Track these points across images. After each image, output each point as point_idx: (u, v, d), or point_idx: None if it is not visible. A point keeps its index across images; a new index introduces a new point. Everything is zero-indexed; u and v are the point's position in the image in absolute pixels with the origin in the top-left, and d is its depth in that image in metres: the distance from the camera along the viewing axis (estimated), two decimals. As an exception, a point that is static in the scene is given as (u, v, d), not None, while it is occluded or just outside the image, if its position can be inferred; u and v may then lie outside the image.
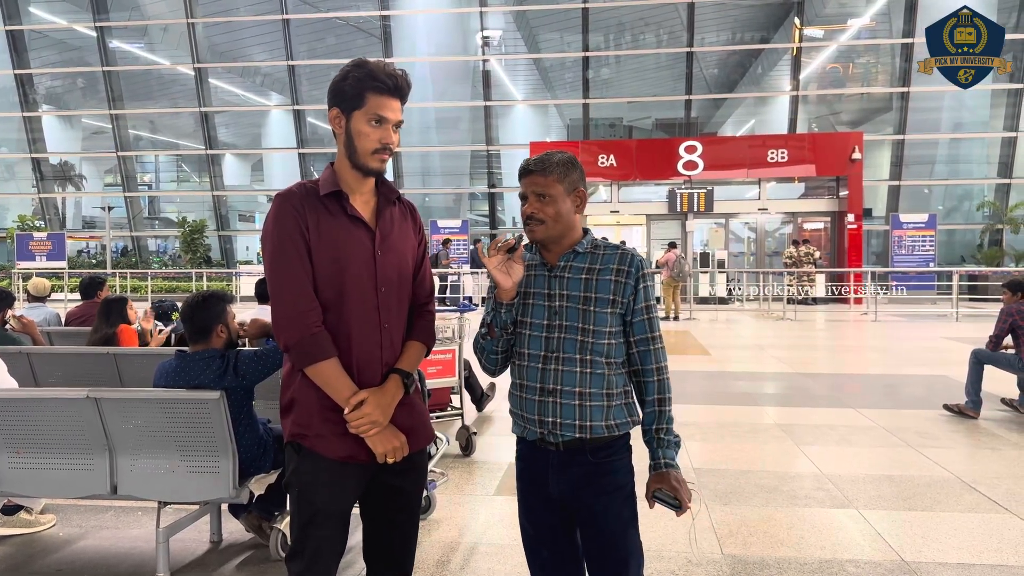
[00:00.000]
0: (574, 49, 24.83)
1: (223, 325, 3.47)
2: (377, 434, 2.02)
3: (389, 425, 2.05)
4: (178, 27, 25.76)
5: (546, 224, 2.09)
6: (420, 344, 2.20)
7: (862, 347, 12.26)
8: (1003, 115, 22.96)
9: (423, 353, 2.22)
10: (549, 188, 2.07)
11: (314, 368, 1.99)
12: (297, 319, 1.98)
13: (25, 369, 4.60)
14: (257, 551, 3.77)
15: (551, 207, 2.08)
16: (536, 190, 2.08)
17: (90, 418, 3.36)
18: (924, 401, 7.36)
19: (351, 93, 2.04)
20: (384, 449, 2.03)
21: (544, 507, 2.15)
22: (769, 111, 25.52)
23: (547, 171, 2.08)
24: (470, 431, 5.54)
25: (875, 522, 4.12)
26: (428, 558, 3.66)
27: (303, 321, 1.98)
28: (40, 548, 3.87)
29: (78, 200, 30.14)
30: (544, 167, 2.08)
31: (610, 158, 21.31)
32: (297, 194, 2.07)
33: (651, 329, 2.10)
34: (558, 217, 2.09)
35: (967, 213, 23.91)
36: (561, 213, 2.09)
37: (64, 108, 29.14)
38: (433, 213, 25.06)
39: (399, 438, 2.06)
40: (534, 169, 2.09)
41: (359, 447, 2.05)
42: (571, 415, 2.04)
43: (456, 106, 25.95)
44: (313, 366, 1.99)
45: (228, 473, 3.33)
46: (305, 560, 2.05)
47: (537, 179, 2.08)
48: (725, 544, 3.82)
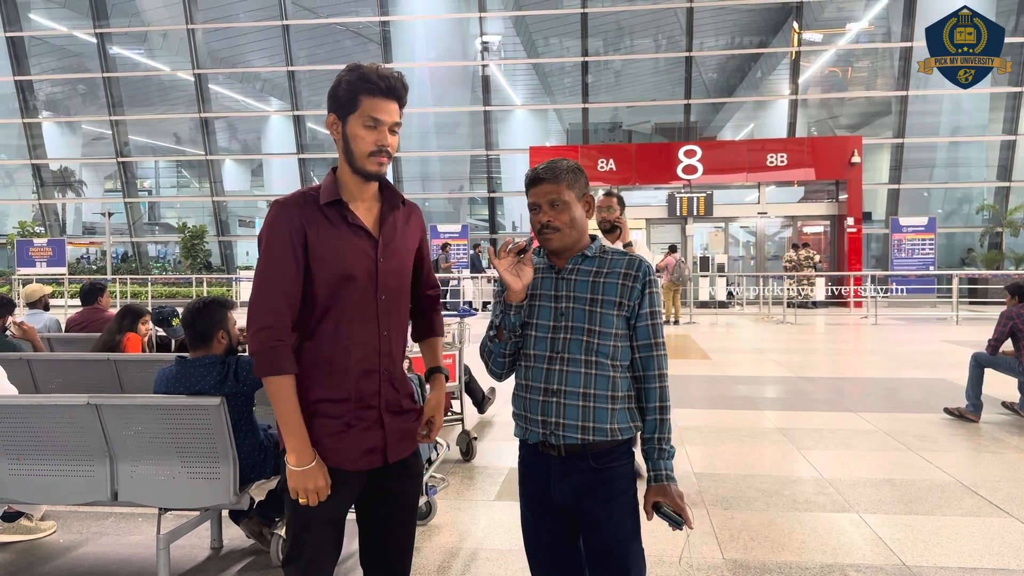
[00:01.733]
0: (573, 54, 24.88)
1: (224, 331, 3.48)
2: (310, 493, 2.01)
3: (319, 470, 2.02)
4: (178, 33, 25.82)
5: (562, 231, 2.09)
6: (440, 337, 2.41)
7: (862, 351, 12.26)
8: (1002, 118, 22.98)
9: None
10: (562, 195, 2.08)
11: (268, 380, 2.00)
12: (261, 330, 2.00)
13: (25, 375, 4.60)
14: (258, 557, 3.77)
15: (566, 214, 2.08)
16: (549, 198, 2.08)
17: (90, 424, 3.36)
18: (924, 404, 7.35)
19: (345, 97, 2.04)
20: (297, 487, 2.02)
21: (546, 513, 2.15)
22: (768, 115, 25.55)
23: (558, 178, 2.08)
24: (471, 436, 5.54)
25: (876, 526, 4.12)
26: (429, 564, 3.66)
27: (269, 332, 1.99)
28: (41, 555, 3.86)
29: (78, 206, 30.17)
30: (555, 174, 2.08)
31: (609, 162, 21.34)
32: (295, 203, 2.06)
33: (654, 335, 2.11)
34: (573, 223, 2.09)
35: (966, 216, 23.92)
36: (575, 219, 2.10)
37: (64, 114, 29.18)
38: (433, 218, 25.08)
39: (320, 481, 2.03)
40: (545, 177, 2.09)
41: (353, 454, 2.06)
42: (574, 416, 2.04)
43: (456, 111, 26.00)
44: (267, 379, 2.00)
45: (228, 479, 3.33)
46: (302, 565, 2.06)
47: (548, 187, 2.09)
48: (726, 549, 3.81)
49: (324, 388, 2.05)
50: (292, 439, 1.99)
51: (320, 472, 2.00)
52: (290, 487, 2.00)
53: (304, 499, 2.00)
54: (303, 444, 1.99)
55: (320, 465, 2.01)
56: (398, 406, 2.16)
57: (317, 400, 2.04)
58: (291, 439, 1.99)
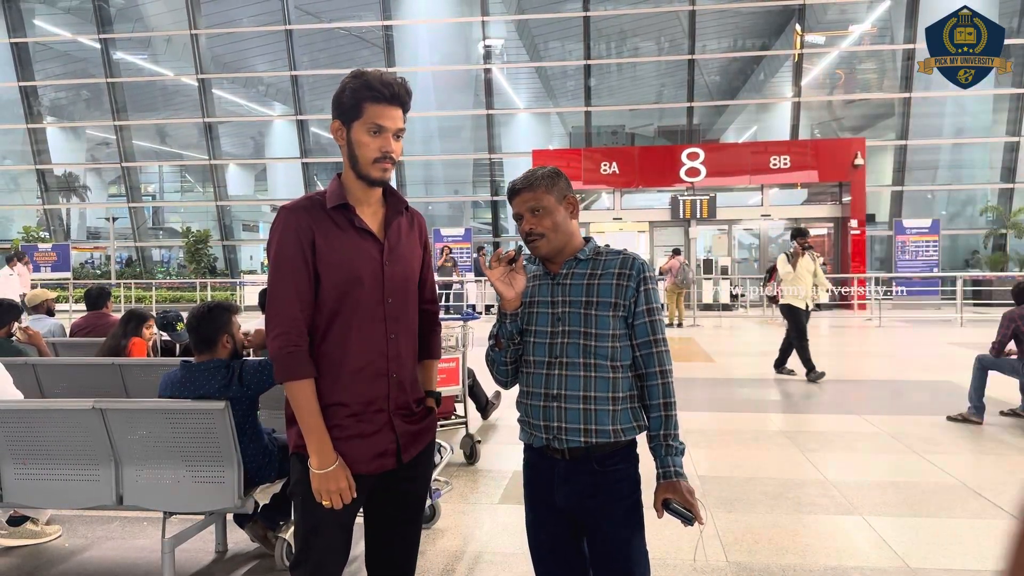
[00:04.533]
0: (576, 57, 24.90)
1: (228, 335, 3.49)
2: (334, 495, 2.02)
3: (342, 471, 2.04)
4: (181, 38, 25.89)
5: (547, 236, 2.13)
6: (436, 360, 2.40)
7: (866, 353, 12.24)
8: (1006, 119, 22.94)
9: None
10: (541, 201, 2.12)
11: (288, 385, 2.02)
12: (281, 335, 2.01)
13: (31, 380, 4.61)
14: (262, 561, 3.78)
15: (547, 219, 2.12)
16: (529, 206, 2.13)
17: (96, 429, 3.37)
18: (929, 407, 7.34)
19: (349, 104, 2.06)
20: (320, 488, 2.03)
21: (550, 515, 2.16)
22: (771, 117, 25.53)
23: (534, 186, 2.13)
24: (474, 440, 5.55)
25: (880, 529, 4.12)
26: (433, 567, 3.66)
27: (285, 338, 2.01)
28: (46, 559, 3.88)
29: (82, 211, 30.26)
30: (531, 183, 2.14)
31: (612, 165, 21.34)
32: (304, 208, 2.08)
33: (654, 332, 2.11)
34: (556, 227, 2.13)
35: (970, 218, 23.87)
36: (558, 223, 2.13)
37: (68, 120, 29.29)
38: (436, 222, 25.08)
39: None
40: (522, 187, 2.15)
41: (365, 457, 2.07)
42: (576, 419, 2.05)
43: (458, 115, 26.02)
44: (288, 383, 2.02)
45: (233, 483, 3.34)
46: (309, 568, 2.07)
47: (526, 195, 2.14)
48: (730, 551, 3.81)
49: (334, 392, 2.06)
50: (314, 441, 2.00)
51: (343, 473, 2.01)
52: (313, 489, 2.00)
53: (328, 502, 2.00)
54: (325, 447, 2.00)
55: (343, 467, 2.02)
56: (408, 409, 2.17)
57: (327, 404, 2.05)
58: (313, 441, 2.00)
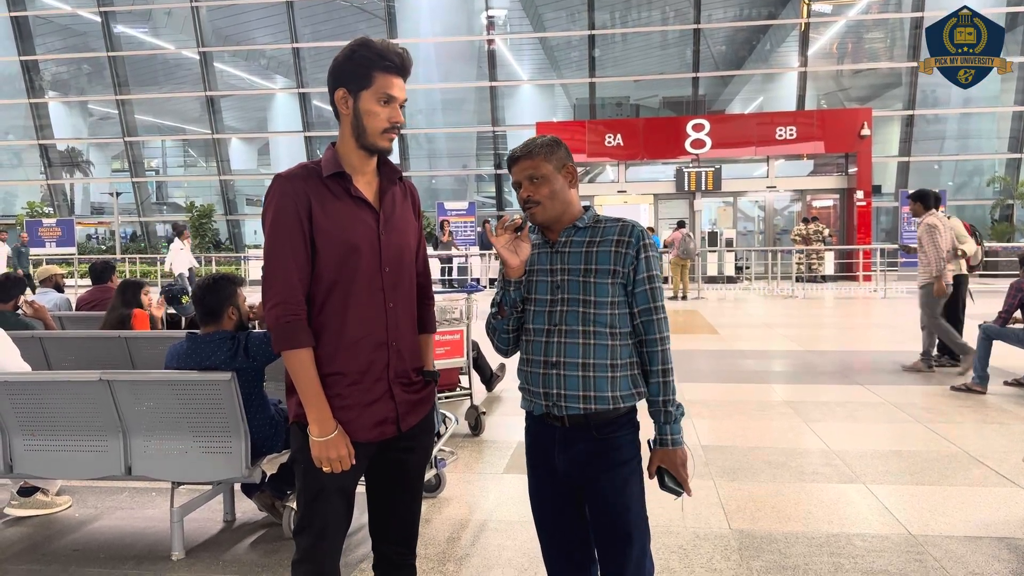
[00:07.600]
0: (580, 28, 24.64)
1: (234, 307, 3.51)
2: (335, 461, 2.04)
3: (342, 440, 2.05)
4: (182, 11, 25.69)
5: (543, 204, 2.13)
6: (431, 335, 2.38)
7: (871, 324, 12.24)
8: (1014, 88, 22.69)
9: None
10: (539, 169, 2.13)
11: (286, 354, 2.03)
12: (276, 305, 2.01)
13: (38, 353, 4.65)
14: (270, 530, 3.82)
15: (545, 187, 2.13)
16: (527, 174, 2.14)
17: (103, 400, 3.40)
18: (932, 377, 7.36)
19: (359, 73, 2.03)
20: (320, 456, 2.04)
21: (551, 482, 2.18)
22: (777, 88, 25.29)
23: (533, 154, 2.14)
24: (479, 411, 5.58)
25: (883, 497, 4.14)
26: (438, 535, 3.70)
27: (283, 307, 2.01)
28: (57, 529, 3.93)
29: (86, 186, 30.24)
30: (529, 151, 2.15)
31: (617, 137, 21.20)
32: (299, 176, 2.06)
33: (653, 299, 2.12)
34: (553, 195, 2.13)
35: (977, 189, 23.72)
36: (555, 191, 2.14)
37: (70, 94, 29.16)
38: (440, 195, 25.04)
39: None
40: (520, 155, 2.16)
41: (365, 425, 2.08)
42: (575, 386, 2.07)
43: (462, 87, 25.83)
44: (286, 352, 2.02)
45: (240, 453, 3.37)
46: (313, 534, 2.10)
47: (525, 163, 2.14)
48: (733, 519, 3.84)
49: (334, 361, 2.07)
50: (313, 410, 2.01)
51: (343, 441, 2.03)
52: (313, 457, 2.02)
53: (328, 468, 2.02)
54: (325, 414, 2.02)
55: (342, 434, 2.03)
56: (407, 377, 2.18)
57: (327, 373, 2.06)
58: (312, 410, 2.01)
